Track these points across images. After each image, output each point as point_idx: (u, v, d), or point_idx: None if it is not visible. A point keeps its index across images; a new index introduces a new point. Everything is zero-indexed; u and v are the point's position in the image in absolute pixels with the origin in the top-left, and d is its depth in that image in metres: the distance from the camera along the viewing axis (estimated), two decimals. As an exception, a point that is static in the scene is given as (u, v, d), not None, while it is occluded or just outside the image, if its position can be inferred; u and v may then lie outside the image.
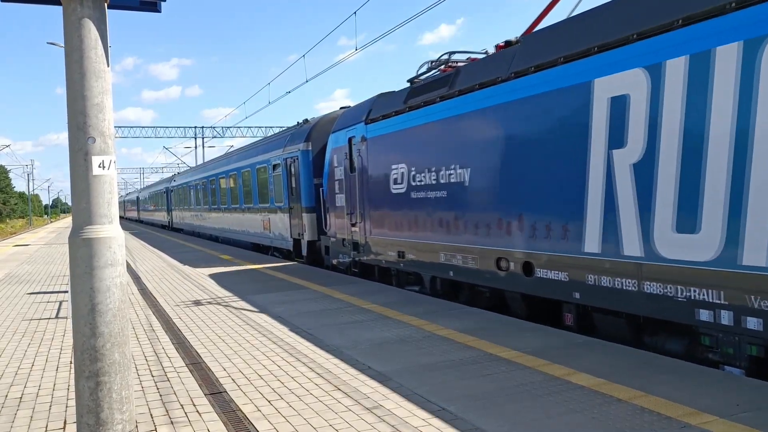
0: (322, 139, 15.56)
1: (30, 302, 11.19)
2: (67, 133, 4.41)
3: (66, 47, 4.38)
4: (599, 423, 4.41)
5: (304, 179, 15.95)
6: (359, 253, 12.65)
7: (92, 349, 4.31)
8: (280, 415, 4.88)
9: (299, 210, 16.25)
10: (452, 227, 9.41)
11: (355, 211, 12.60)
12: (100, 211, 4.40)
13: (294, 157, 16.48)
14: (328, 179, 14.06)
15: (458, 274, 9.38)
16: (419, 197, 10.26)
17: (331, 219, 14.07)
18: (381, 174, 11.57)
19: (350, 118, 13.12)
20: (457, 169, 9.21)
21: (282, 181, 17.48)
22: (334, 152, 13.63)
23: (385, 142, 11.43)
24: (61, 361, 6.81)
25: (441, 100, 9.62)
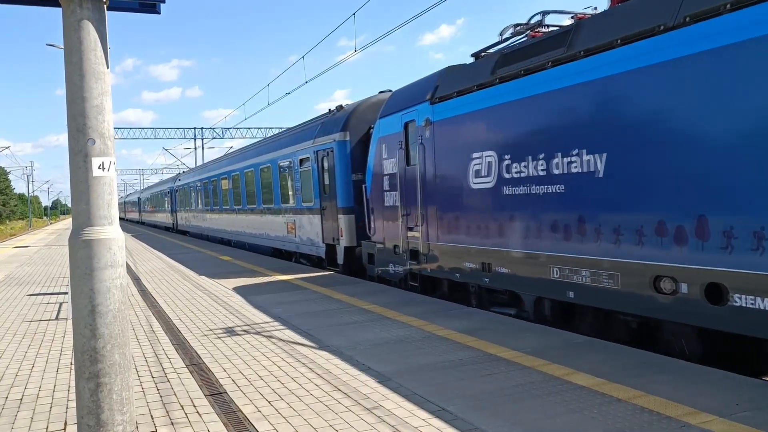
0: (361, 128, 13.63)
1: (30, 304, 11.19)
2: (67, 134, 4.42)
3: (65, 49, 4.39)
4: (599, 423, 4.42)
5: (341, 175, 13.79)
6: (419, 264, 10.48)
7: (92, 350, 4.32)
8: (280, 415, 4.88)
9: (334, 211, 14.11)
10: (573, 233, 7.17)
11: (414, 212, 10.51)
12: (100, 213, 4.40)
13: (327, 150, 14.23)
14: (374, 174, 12.00)
15: (583, 296, 7.11)
16: (517, 193, 8.09)
17: (378, 222, 11.94)
18: (454, 165, 9.38)
19: (407, 99, 10.95)
20: (583, 155, 7.03)
21: (312, 178, 15.27)
22: (383, 142, 11.54)
23: (461, 125, 9.22)
24: (62, 363, 6.81)
25: (554, 65, 7.49)
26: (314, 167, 15.10)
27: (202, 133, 59.18)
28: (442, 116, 9.74)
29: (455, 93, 9.41)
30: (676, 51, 6.06)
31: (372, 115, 13.09)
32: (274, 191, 18.45)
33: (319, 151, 14.75)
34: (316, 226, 15.27)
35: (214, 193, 27.35)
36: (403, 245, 10.93)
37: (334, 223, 14.06)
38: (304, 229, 16.16)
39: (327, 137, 14.36)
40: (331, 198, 14.23)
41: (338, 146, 13.86)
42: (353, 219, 13.51)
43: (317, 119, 16.40)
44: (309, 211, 15.68)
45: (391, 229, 11.43)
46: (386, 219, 11.56)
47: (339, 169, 13.84)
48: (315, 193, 15.11)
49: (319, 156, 14.79)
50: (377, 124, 11.94)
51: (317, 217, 15.10)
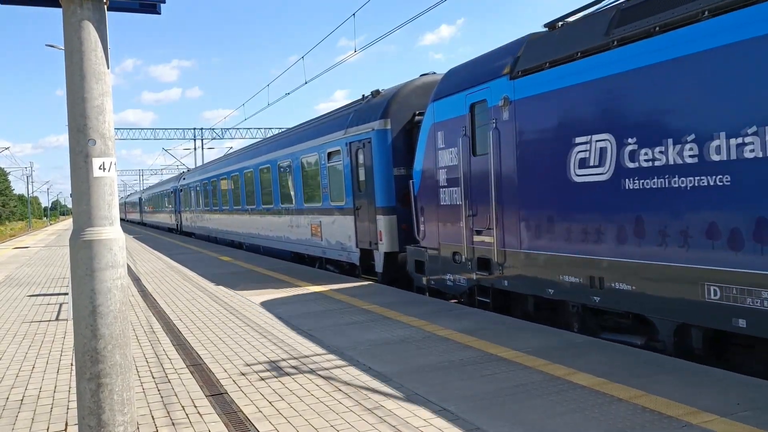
0: (404, 115, 11.94)
1: (30, 304, 11.19)
2: (68, 135, 4.42)
3: (66, 49, 4.39)
4: (600, 423, 4.42)
5: (380, 169, 11.99)
6: (491, 275, 8.64)
7: (93, 350, 4.31)
8: (281, 416, 4.88)
9: (371, 211, 12.27)
10: (748, 240, 5.43)
11: (484, 212, 8.68)
12: (100, 213, 4.40)
13: (364, 141, 12.46)
14: (424, 168, 10.27)
15: (763, 326, 5.31)
16: (648, 187, 6.33)
17: (430, 224, 10.17)
18: (546, 153, 7.56)
19: (473, 76, 9.19)
20: (766, 133, 5.23)
21: (343, 174, 13.48)
22: (438, 129, 9.82)
23: (556, 103, 7.41)
24: (62, 363, 6.81)
25: (713, 15, 5.71)
26: (346, 161, 13.30)
27: (201, 134, 59.20)
28: (528, 93, 7.91)
29: (547, 64, 7.62)
30: None
31: (417, 100, 11.76)
32: (295, 189, 16.62)
33: (353, 143, 12.93)
34: (347, 229, 13.46)
35: (224, 192, 25.37)
36: (467, 252, 9.08)
37: (372, 225, 12.29)
38: (332, 231, 14.35)
39: (363, 126, 12.55)
40: (367, 196, 12.45)
41: (377, 136, 12.05)
42: (395, 220, 11.82)
43: (349, 107, 14.42)
44: (339, 211, 13.87)
45: (449, 233, 9.59)
46: (442, 221, 9.79)
47: (378, 162, 12.04)
48: (347, 191, 13.35)
49: (352, 148, 12.98)
50: (430, 109, 10.13)
51: (349, 218, 13.32)
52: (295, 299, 10.48)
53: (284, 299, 10.51)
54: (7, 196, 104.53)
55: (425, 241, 10.41)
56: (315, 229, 15.39)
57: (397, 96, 12.19)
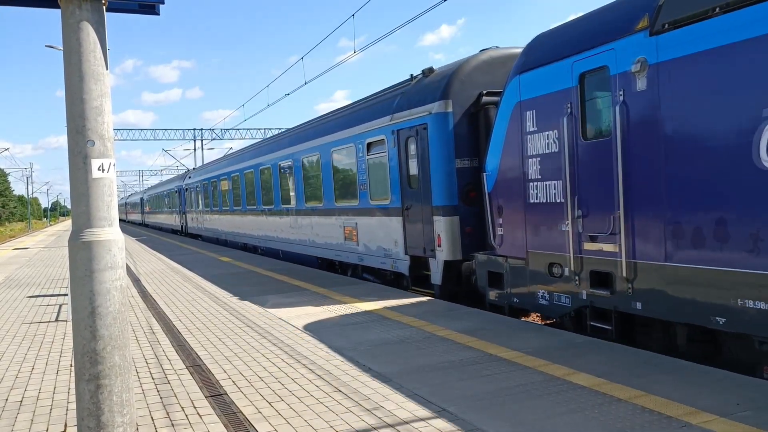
0: (467, 96, 10.10)
1: (30, 305, 11.18)
2: (66, 136, 4.42)
3: (64, 50, 4.39)
4: (599, 423, 4.42)
5: (439, 161, 10.17)
6: (612, 294, 6.79)
7: (92, 352, 4.31)
8: (280, 416, 4.88)
9: (426, 211, 10.45)
10: None
11: (604, 212, 6.84)
12: (99, 214, 4.40)
13: (417, 128, 10.61)
14: (504, 158, 8.46)
15: None
16: None
17: (512, 227, 8.35)
18: (714, 132, 5.74)
19: (583, 37, 7.33)
20: None
21: (387, 168, 11.62)
22: (525, 108, 8.00)
23: (735, 63, 5.54)
24: (62, 364, 6.81)
25: None
26: (392, 153, 11.41)
27: (201, 134, 59.22)
28: (682, 52, 6.09)
29: (717, 8, 5.70)
30: None
31: (483, 78, 10.10)
32: (324, 187, 14.75)
33: (402, 131, 11.08)
34: (393, 232, 11.55)
35: (235, 190, 23.42)
36: (574, 263, 7.25)
37: (427, 228, 10.44)
38: (372, 234, 12.44)
39: (416, 110, 10.67)
40: (421, 193, 10.61)
41: (436, 121, 10.18)
42: (457, 222, 9.97)
43: (392, 90, 12.40)
44: (382, 211, 12.00)
45: (542, 239, 7.80)
46: (532, 223, 7.95)
47: (436, 152, 10.17)
48: (393, 188, 11.48)
49: (401, 137, 11.12)
50: (513, 85, 8.29)
51: (396, 219, 11.44)
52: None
53: (278, 298, 10.48)
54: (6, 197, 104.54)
55: (504, 249, 8.55)
56: (349, 232, 13.50)
57: (459, 73, 10.24)
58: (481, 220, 9.39)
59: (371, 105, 12.88)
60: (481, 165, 9.59)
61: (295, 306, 9.58)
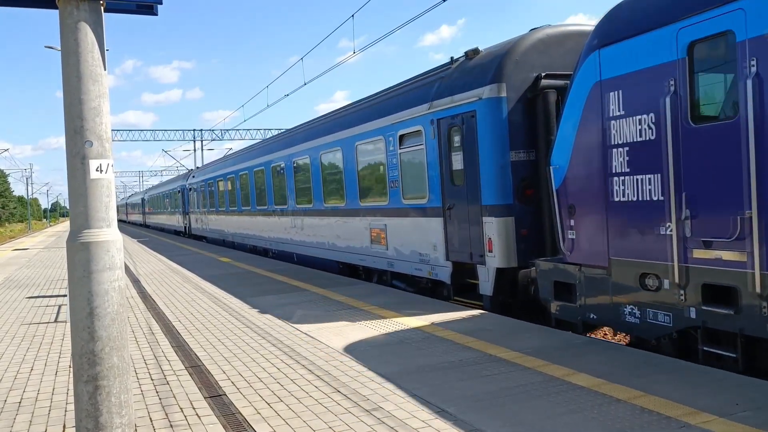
0: (522, 79, 8.88)
1: (29, 306, 11.18)
2: (64, 137, 4.42)
3: (62, 51, 4.38)
4: (599, 423, 4.41)
5: (490, 154, 8.96)
6: (737, 313, 5.58)
7: (91, 353, 4.31)
8: (279, 417, 4.87)
9: (474, 210, 9.25)
10: None
11: (727, 213, 5.64)
12: (97, 215, 4.39)
13: (463, 116, 9.38)
14: (578, 148, 7.21)
15: None
16: None
17: (588, 229, 7.13)
18: None
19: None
20: None
21: (425, 162, 10.41)
22: (609, 89, 6.79)
23: None
24: (60, 365, 6.80)
25: None
26: (431, 145, 10.20)
27: (201, 135, 59.24)
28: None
29: None
30: None
31: (540, 59, 8.91)
32: (347, 185, 13.44)
33: (444, 120, 9.86)
34: (431, 235, 10.36)
35: (244, 190, 22.13)
36: (677, 274, 6.05)
37: (475, 230, 9.23)
38: (404, 237, 11.23)
39: (461, 97, 9.43)
40: (468, 191, 9.40)
41: (487, 108, 8.93)
42: (512, 224, 8.78)
43: (429, 75, 11.06)
44: (418, 211, 10.76)
45: (633, 243, 6.60)
46: (618, 225, 6.71)
47: (487, 143, 8.97)
48: (432, 185, 10.28)
49: (442, 127, 9.90)
50: (590, 62, 7.11)
51: (436, 220, 10.24)
52: (293, 299, 10.44)
53: (278, 299, 10.46)
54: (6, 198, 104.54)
55: (577, 255, 7.32)
56: (377, 235, 12.22)
57: (513, 53, 9.00)
58: (539, 222, 8.59)
59: (403, 93, 11.46)
60: (538, 158, 8.68)
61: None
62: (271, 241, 19.59)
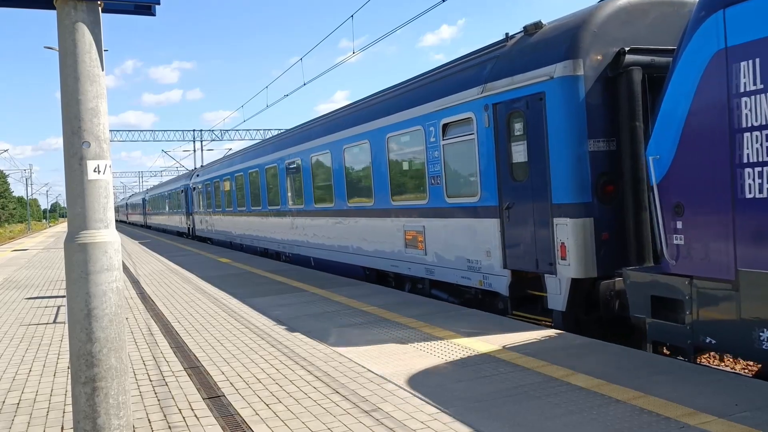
0: (602, 55, 7.55)
1: (28, 307, 11.17)
2: (62, 137, 4.41)
3: (60, 52, 4.38)
4: (598, 424, 4.40)
5: (564, 143, 7.65)
6: None
7: (88, 354, 4.30)
8: (278, 418, 4.87)
9: (542, 210, 7.90)
10: None
11: None
12: (95, 216, 4.39)
13: (528, 99, 8.05)
14: (689, 132, 5.98)
15: None
16: None
17: (706, 233, 5.87)
18: None
19: None
20: None
21: (477, 153, 8.99)
22: (736, 57, 5.53)
23: None
24: (59, 367, 6.79)
25: None
26: (485, 134, 8.81)
27: (201, 135, 59.23)
28: None
29: None
30: None
31: (622, 31, 7.62)
32: (376, 182, 12.07)
33: (501, 105, 8.50)
34: (484, 238, 8.96)
35: (253, 189, 20.75)
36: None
37: (542, 234, 7.89)
38: (447, 241, 9.90)
39: (526, 76, 8.10)
40: (532, 186, 8.06)
41: (560, 89, 7.65)
42: (590, 226, 7.49)
43: (479, 54, 9.59)
44: (465, 211, 9.40)
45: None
46: (752, 228, 5.44)
47: (560, 131, 7.66)
48: (484, 180, 8.89)
49: (499, 113, 8.54)
50: (707, 28, 5.78)
51: (490, 222, 8.82)
52: (292, 300, 10.41)
53: (277, 299, 10.43)
54: (6, 199, 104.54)
55: (687, 265, 6.07)
56: (413, 237, 10.88)
57: (590, 24, 7.68)
58: (622, 224, 7.43)
59: (447, 76, 10.11)
60: (620, 147, 7.48)
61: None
62: (284, 244, 18.19)
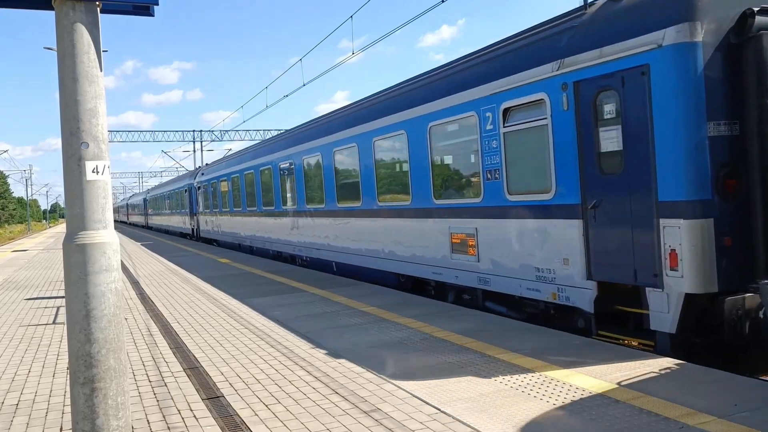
0: (722, 18, 6.23)
1: (27, 308, 11.16)
2: (60, 138, 4.40)
3: (58, 52, 4.37)
4: (598, 424, 4.40)
5: (676, 127, 6.28)
6: None
7: (87, 355, 4.29)
8: (277, 419, 4.86)
9: (643, 209, 6.58)
10: None
11: None
12: (94, 217, 4.38)
13: (624, 74, 6.70)
14: None
15: None
16: None
17: None
18: None
19: None
20: None
21: (550, 142, 7.61)
22: None
23: None
24: (58, 367, 6.78)
25: None
26: (563, 119, 7.42)
27: (201, 136, 59.22)
28: None
29: None
30: None
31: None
32: (414, 178, 10.72)
33: (587, 82, 7.12)
34: (560, 242, 7.53)
35: (265, 187, 19.32)
36: None
37: (644, 238, 6.54)
38: (508, 245, 8.45)
39: (621, 47, 6.70)
40: (629, 180, 6.71)
41: (671, 59, 6.27)
42: (710, 229, 6.16)
43: (550, 24, 8.16)
44: (535, 210, 7.98)
45: None
46: None
47: (671, 112, 6.29)
48: (562, 173, 7.49)
49: (583, 92, 7.16)
50: None
51: (568, 223, 7.41)
52: (291, 300, 10.39)
53: (276, 300, 10.42)
54: (6, 199, 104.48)
55: None
56: (461, 241, 9.51)
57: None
58: (748, 226, 6.10)
59: (508, 53, 8.67)
60: (745, 132, 6.15)
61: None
62: (301, 247, 16.65)
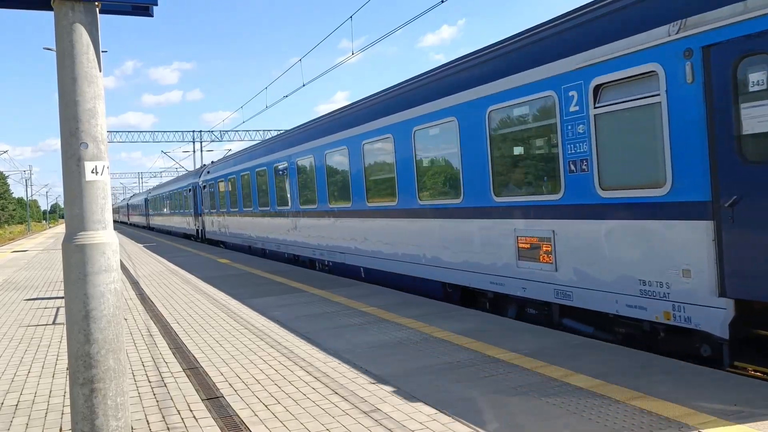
0: None
1: (27, 308, 11.16)
2: (60, 138, 4.40)
3: (57, 53, 4.37)
4: (597, 424, 4.39)
5: None
6: None
7: (86, 355, 4.29)
8: (277, 419, 4.86)
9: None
10: None
11: None
12: (93, 217, 4.38)
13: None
14: None
15: None
16: None
17: None
18: None
19: None
20: None
21: (663, 125, 6.20)
22: None
23: None
24: (58, 368, 6.78)
25: None
26: (685, 93, 6.00)
27: (200, 136, 59.25)
28: None
29: None
30: None
31: None
32: (466, 173, 9.30)
33: (722, 46, 5.68)
34: (677, 249, 6.15)
35: (280, 186, 17.73)
36: None
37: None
38: (600, 252, 7.02)
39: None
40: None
41: None
42: None
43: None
44: (638, 209, 6.56)
45: None
46: None
47: None
48: (686, 162, 6.06)
49: (716, 60, 5.76)
50: None
51: (690, 225, 6.03)
52: (289, 299, 10.37)
53: (276, 300, 10.41)
54: (6, 200, 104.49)
55: None
56: (531, 247, 8.07)
57: None
58: None
59: (598, 18, 7.18)
60: None
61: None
62: (322, 250, 15.15)
